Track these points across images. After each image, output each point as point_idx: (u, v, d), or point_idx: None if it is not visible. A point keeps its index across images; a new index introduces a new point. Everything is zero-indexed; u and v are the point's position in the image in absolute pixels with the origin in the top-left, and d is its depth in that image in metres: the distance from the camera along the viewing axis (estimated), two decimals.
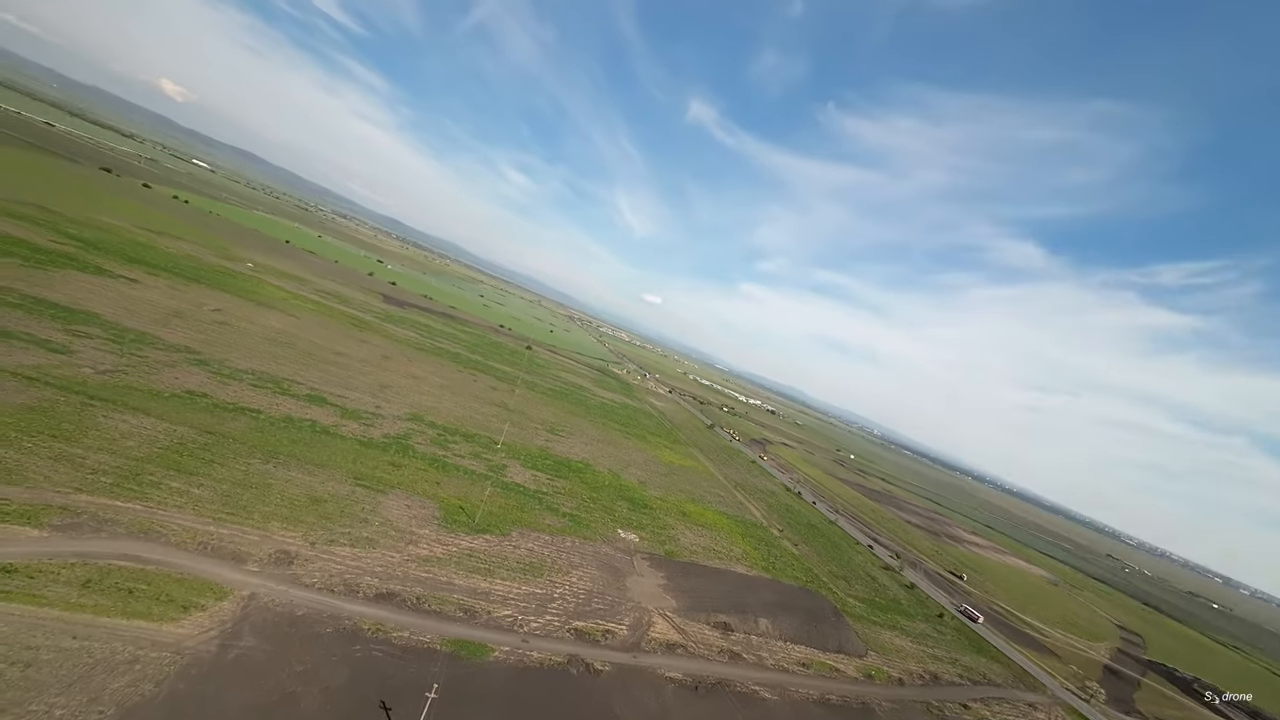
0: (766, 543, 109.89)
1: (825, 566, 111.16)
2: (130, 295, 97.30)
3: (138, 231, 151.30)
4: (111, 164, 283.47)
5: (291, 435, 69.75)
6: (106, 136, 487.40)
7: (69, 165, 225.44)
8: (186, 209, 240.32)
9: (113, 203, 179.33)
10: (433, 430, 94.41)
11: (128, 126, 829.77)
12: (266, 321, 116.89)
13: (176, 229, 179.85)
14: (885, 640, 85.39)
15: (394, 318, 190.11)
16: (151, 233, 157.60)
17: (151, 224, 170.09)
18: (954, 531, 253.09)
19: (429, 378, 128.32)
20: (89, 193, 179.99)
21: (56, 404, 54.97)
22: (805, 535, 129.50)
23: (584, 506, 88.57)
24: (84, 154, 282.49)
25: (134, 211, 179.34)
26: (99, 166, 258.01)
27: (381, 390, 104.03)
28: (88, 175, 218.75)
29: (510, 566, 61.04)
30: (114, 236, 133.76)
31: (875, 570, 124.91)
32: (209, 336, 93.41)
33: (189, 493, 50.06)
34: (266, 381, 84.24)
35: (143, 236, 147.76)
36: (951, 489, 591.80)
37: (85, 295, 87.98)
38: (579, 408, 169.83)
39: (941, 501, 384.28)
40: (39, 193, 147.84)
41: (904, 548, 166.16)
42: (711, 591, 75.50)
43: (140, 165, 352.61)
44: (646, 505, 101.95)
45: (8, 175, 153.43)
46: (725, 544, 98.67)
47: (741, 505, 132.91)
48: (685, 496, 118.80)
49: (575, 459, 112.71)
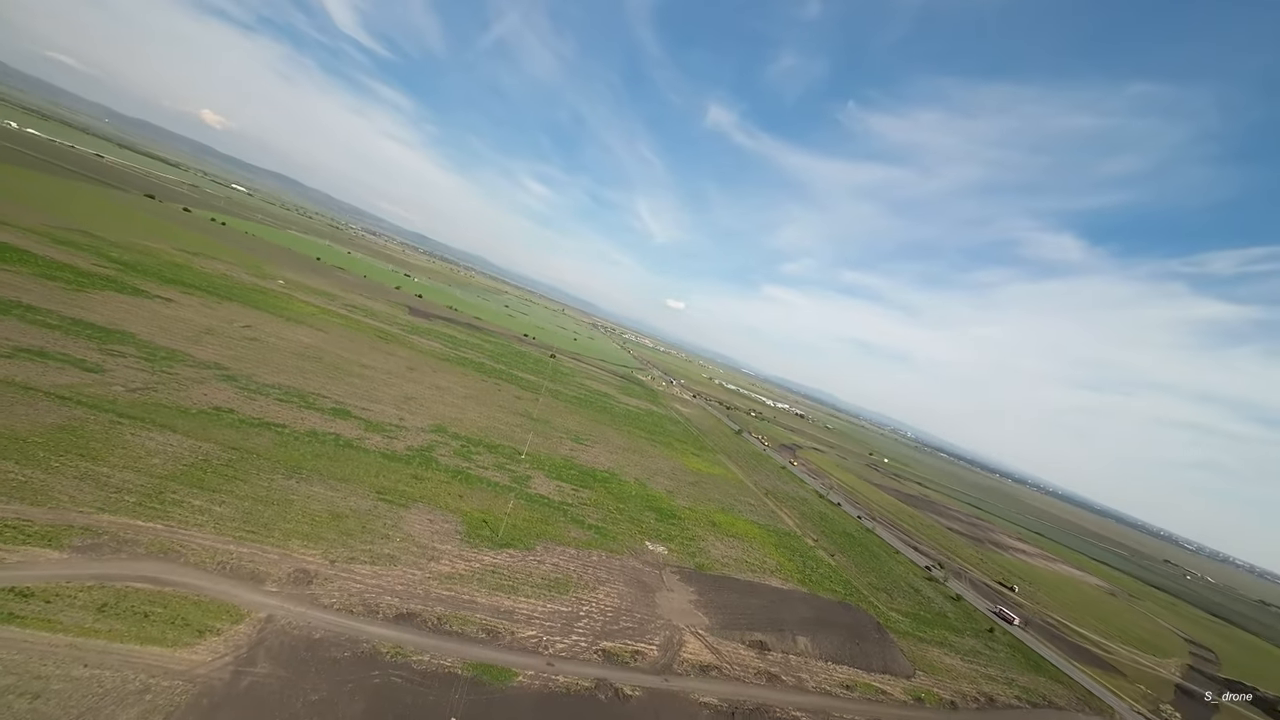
0: (801, 553, 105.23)
1: (864, 578, 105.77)
2: (165, 314, 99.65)
3: (176, 253, 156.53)
4: (155, 190, 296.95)
5: (315, 449, 69.31)
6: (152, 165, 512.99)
7: (115, 193, 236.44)
8: (223, 231, 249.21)
9: (154, 226, 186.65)
10: (456, 441, 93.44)
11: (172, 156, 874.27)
12: (295, 336, 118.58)
13: (212, 250, 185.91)
14: (933, 658, 79.98)
15: (419, 329, 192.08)
16: (189, 254, 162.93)
17: (189, 246, 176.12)
18: (998, 538, 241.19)
19: (453, 388, 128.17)
20: (132, 218, 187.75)
21: (86, 423, 55.40)
22: (841, 544, 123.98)
23: (610, 518, 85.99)
24: (130, 182, 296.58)
25: (174, 234, 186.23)
26: (143, 193, 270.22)
27: (406, 402, 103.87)
28: (132, 202, 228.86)
29: (534, 583, 58.80)
30: (153, 258, 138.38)
31: (918, 581, 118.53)
32: (238, 353, 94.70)
33: (210, 510, 49.45)
34: (292, 396, 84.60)
35: (180, 258, 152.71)
36: (993, 493, 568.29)
37: (122, 315, 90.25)
38: (604, 415, 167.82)
39: (983, 506, 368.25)
40: (86, 219, 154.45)
41: (946, 556, 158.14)
42: (745, 607, 71.76)
43: (182, 191, 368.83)
44: (675, 515, 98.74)
45: (59, 203, 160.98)
46: (758, 555, 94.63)
47: (773, 514, 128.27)
48: (715, 505, 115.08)
49: (601, 468, 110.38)
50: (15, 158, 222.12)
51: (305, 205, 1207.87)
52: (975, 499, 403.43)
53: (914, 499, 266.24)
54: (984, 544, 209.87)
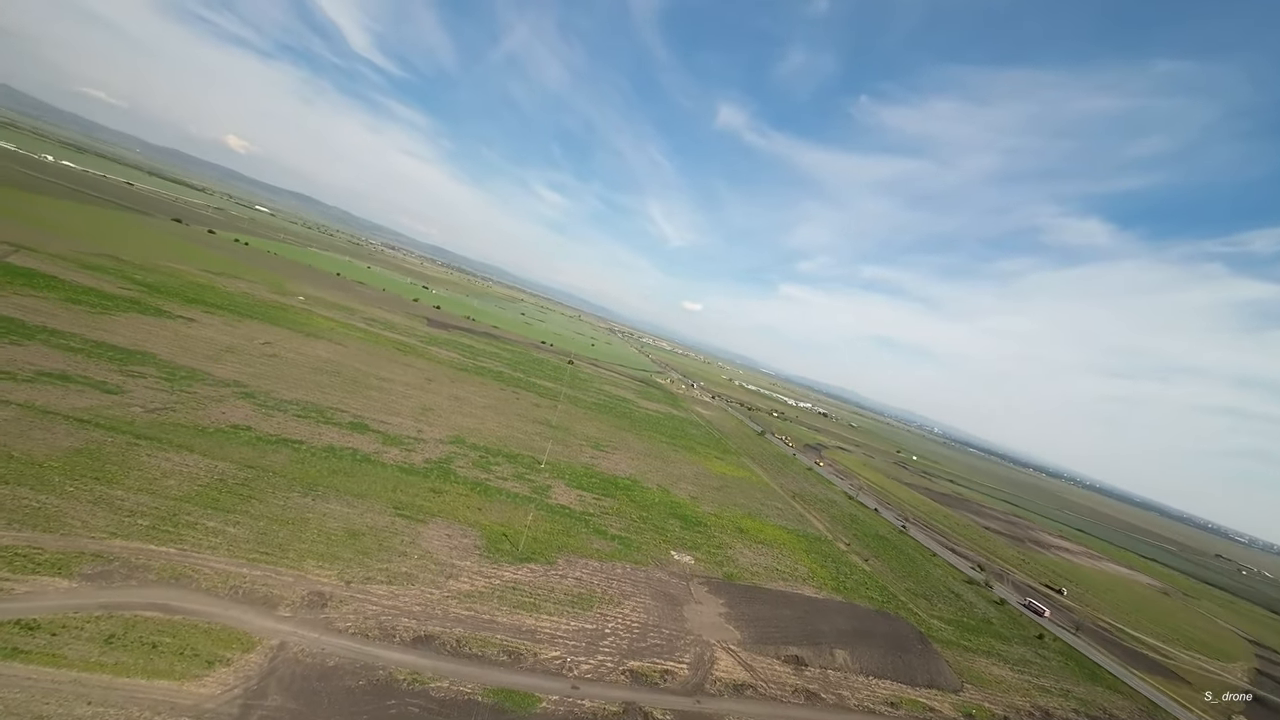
0: (833, 559, 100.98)
1: (901, 583, 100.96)
2: (186, 334, 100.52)
3: (200, 274, 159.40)
4: (181, 214, 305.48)
5: (332, 465, 68.21)
6: (180, 191, 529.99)
7: (143, 218, 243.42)
8: (246, 250, 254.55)
9: (179, 249, 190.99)
10: (475, 452, 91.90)
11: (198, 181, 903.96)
12: (314, 351, 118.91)
13: (235, 269, 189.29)
14: (981, 670, 75.20)
15: (437, 340, 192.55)
16: (212, 274, 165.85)
17: (213, 266, 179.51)
18: (1038, 536, 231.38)
19: (471, 398, 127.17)
20: (158, 241, 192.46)
21: (104, 445, 54.95)
22: (875, 548, 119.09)
23: (633, 527, 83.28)
24: (158, 208, 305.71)
25: (198, 256, 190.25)
26: (170, 218, 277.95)
27: (424, 413, 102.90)
28: (159, 226, 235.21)
29: (557, 599, 56.38)
30: (177, 280, 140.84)
31: (958, 585, 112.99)
32: (258, 369, 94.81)
33: (225, 532, 48.25)
34: (310, 411, 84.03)
35: (204, 278, 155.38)
36: (1028, 488, 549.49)
37: (144, 336, 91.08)
38: (624, 421, 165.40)
39: (1019, 503, 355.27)
40: (114, 244, 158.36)
41: (986, 557, 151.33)
42: (779, 619, 68.25)
43: (208, 214, 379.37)
44: (700, 523, 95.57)
45: (88, 230, 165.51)
46: (789, 562, 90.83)
47: (802, 517, 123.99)
48: (741, 511, 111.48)
49: (622, 476, 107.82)
50: (50, 188, 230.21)
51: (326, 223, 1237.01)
52: (1010, 495, 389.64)
53: (947, 497, 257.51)
54: (1024, 543, 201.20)
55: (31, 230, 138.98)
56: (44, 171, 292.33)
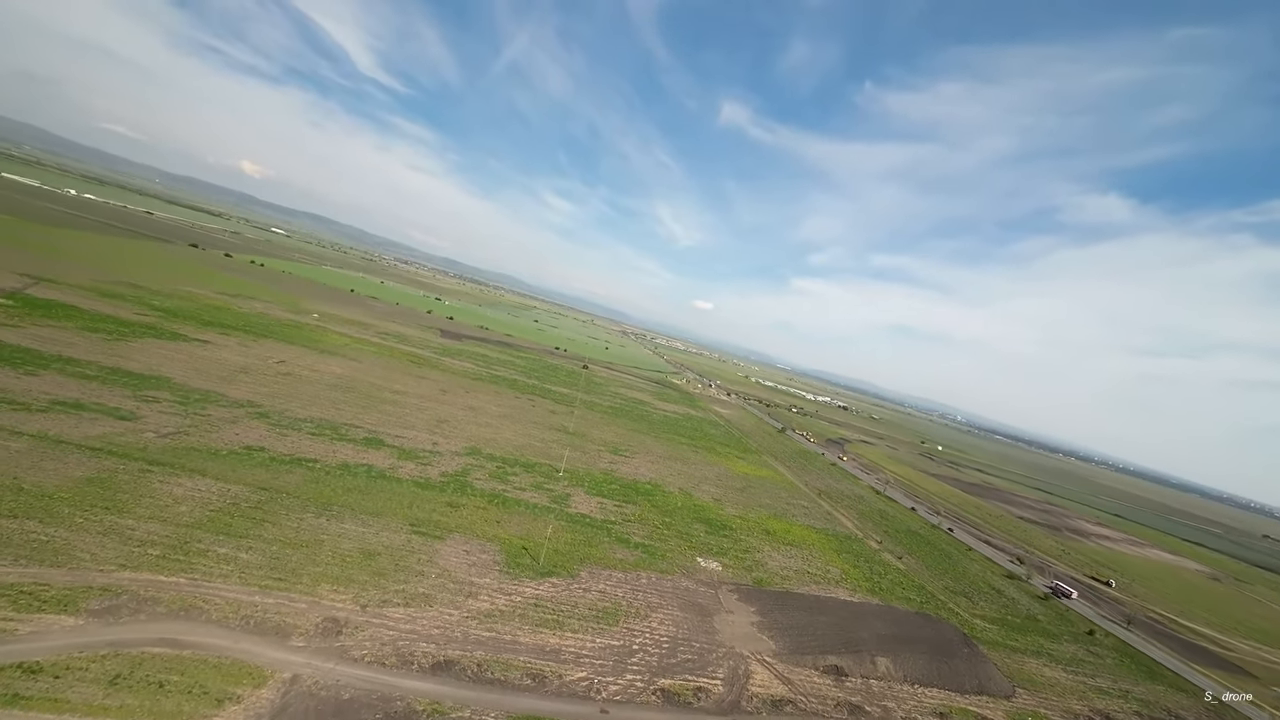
0: (866, 558, 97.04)
1: (939, 581, 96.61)
2: (201, 356, 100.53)
3: (216, 297, 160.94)
4: (198, 240, 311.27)
5: (347, 483, 66.72)
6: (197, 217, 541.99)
7: (162, 245, 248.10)
8: (262, 272, 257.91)
9: (196, 273, 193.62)
10: (492, 463, 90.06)
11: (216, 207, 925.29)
12: (329, 368, 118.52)
13: (250, 290, 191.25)
14: (1032, 672, 70.87)
15: (451, 351, 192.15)
16: (228, 296, 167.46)
17: (229, 288, 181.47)
18: (1076, 524, 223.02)
19: (486, 407, 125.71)
20: (176, 267, 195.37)
21: (115, 474, 53.99)
22: (908, 545, 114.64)
23: (657, 534, 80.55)
24: (176, 235, 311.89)
25: (214, 279, 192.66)
26: (188, 243, 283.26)
27: (439, 425, 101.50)
28: (177, 252, 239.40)
29: (581, 615, 53.89)
30: (193, 304, 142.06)
31: (998, 580, 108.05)
32: (272, 389, 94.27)
33: (237, 558, 46.72)
34: (325, 429, 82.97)
35: (220, 301, 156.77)
36: (1060, 474, 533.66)
37: (159, 361, 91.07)
38: (641, 424, 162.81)
39: (1052, 490, 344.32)
40: (133, 272, 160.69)
41: (1024, 549, 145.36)
42: (814, 626, 64.91)
43: (224, 239, 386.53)
44: (725, 526, 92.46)
45: (108, 260, 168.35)
46: (820, 564, 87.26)
47: (830, 516, 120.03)
48: (767, 512, 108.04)
49: (643, 480, 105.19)
50: (71, 221, 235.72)
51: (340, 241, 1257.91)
52: (1042, 482, 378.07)
53: (976, 488, 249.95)
54: (1062, 532, 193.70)
55: (52, 262, 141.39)
56: (66, 205, 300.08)
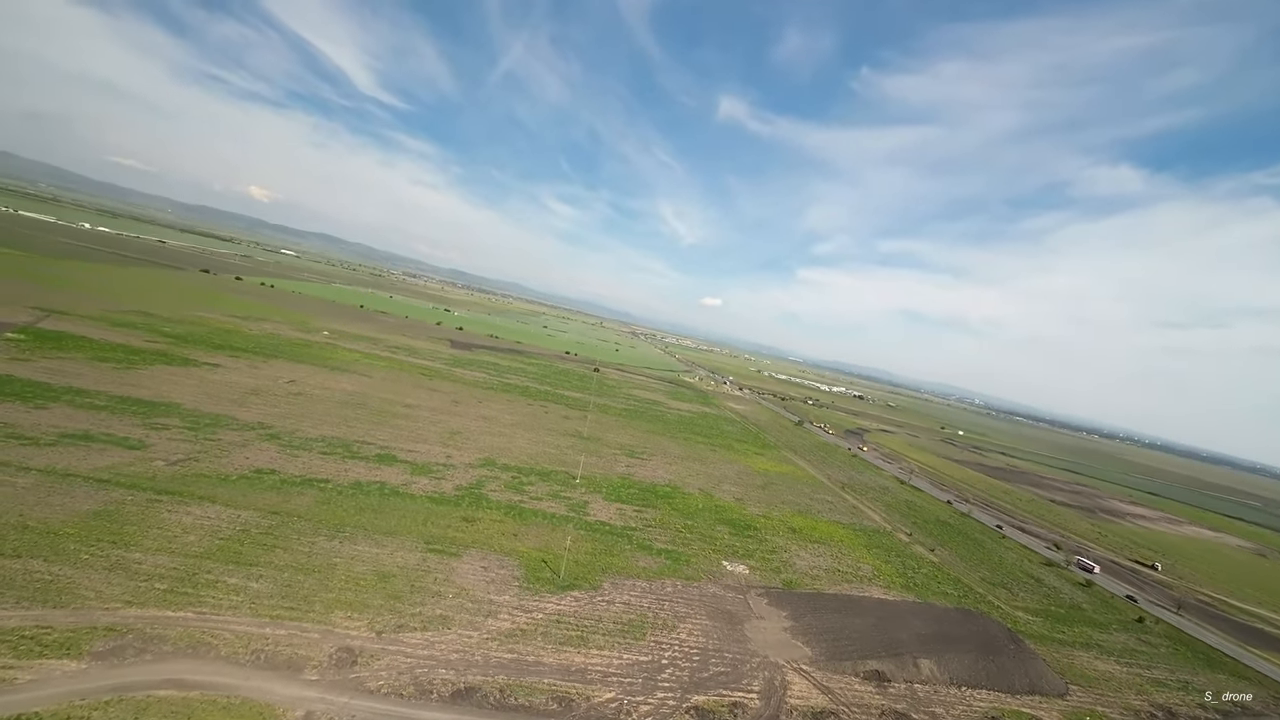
0: (897, 552, 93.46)
1: (975, 573, 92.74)
2: (212, 380, 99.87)
3: (226, 320, 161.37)
4: (209, 265, 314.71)
5: (359, 503, 64.98)
6: (209, 244, 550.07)
7: (173, 272, 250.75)
8: (272, 293, 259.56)
9: (207, 298, 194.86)
10: (507, 473, 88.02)
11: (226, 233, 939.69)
12: (339, 385, 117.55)
13: (261, 311, 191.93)
14: (1084, 666, 67.02)
15: (462, 361, 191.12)
16: (238, 319, 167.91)
17: (239, 311, 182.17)
18: (1109, 504, 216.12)
19: (499, 416, 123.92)
20: (187, 293, 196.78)
21: (123, 506, 52.65)
22: (939, 535, 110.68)
23: (680, 538, 77.85)
24: (187, 261, 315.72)
25: (225, 302, 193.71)
26: (199, 269, 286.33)
27: (452, 438, 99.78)
28: (188, 278, 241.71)
29: (606, 629, 51.42)
30: (204, 328, 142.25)
31: (1036, 568, 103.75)
32: (283, 409, 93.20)
33: (246, 588, 44.95)
34: (336, 447, 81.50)
35: (230, 324, 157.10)
36: (1086, 453, 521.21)
37: (170, 387, 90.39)
38: (656, 425, 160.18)
39: (1080, 470, 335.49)
40: (144, 300, 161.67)
41: (1060, 534, 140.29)
42: (851, 629, 61.81)
43: (235, 263, 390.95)
44: (749, 526, 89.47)
45: (120, 290, 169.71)
46: (850, 561, 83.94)
47: (856, 510, 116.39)
48: (791, 509, 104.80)
49: (661, 483, 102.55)
50: (85, 254, 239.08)
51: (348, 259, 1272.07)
52: (1069, 462, 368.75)
53: (1002, 472, 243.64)
54: (1096, 514, 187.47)
55: (65, 294, 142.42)
56: (80, 238, 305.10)
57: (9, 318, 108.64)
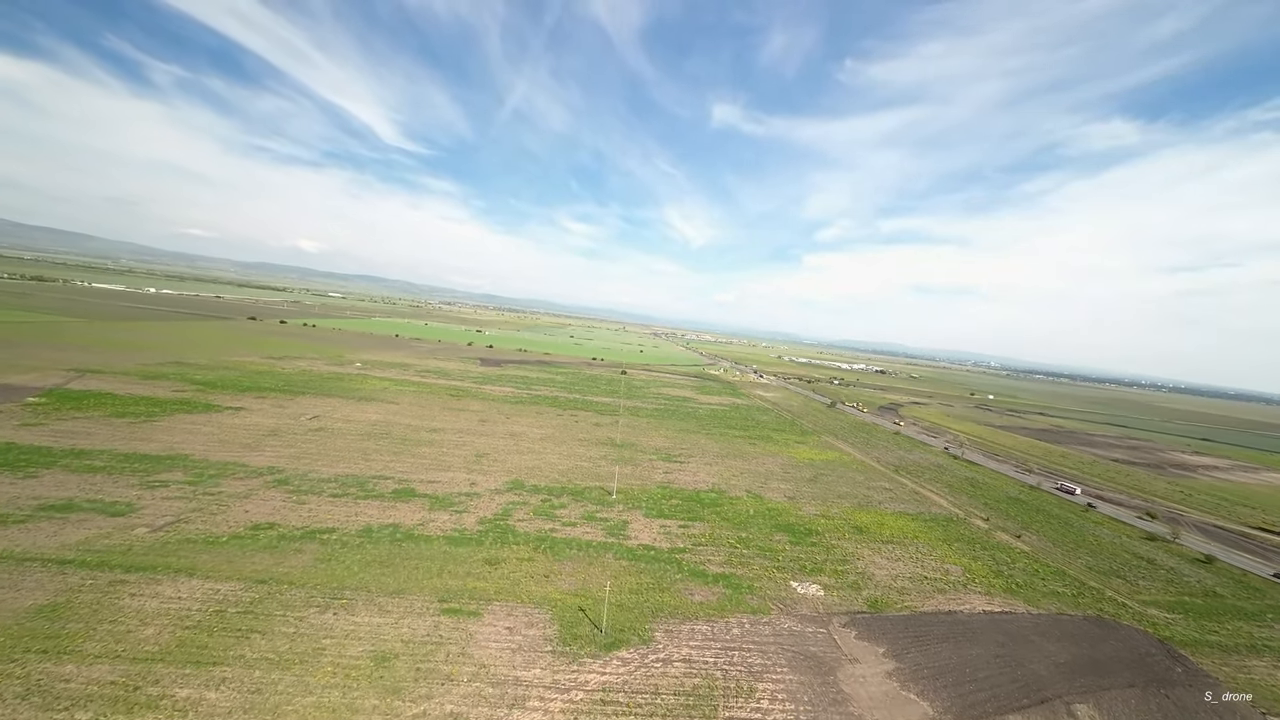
0: (981, 544, 76.33)
1: (1076, 560, 74.91)
2: (231, 425, 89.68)
3: (262, 361, 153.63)
4: (257, 313, 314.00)
5: (366, 555, 52.29)
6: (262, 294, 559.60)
7: (222, 322, 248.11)
8: (313, 332, 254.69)
9: (248, 342, 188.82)
10: (536, 496, 74.60)
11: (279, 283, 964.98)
12: (364, 416, 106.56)
13: (297, 350, 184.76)
14: (1266, 679, 49.30)
15: (491, 378, 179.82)
16: (274, 359, 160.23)
17: (275, 352, 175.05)
18: (1171, 457, 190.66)
19: (528, 432, 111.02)
20: (229, 340, 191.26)
21: (78, 594, 40.95)
22: (1016, 516, 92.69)
23: (735, 556, 62.89)
24: (238, 311, 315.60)
25: (265, 344, 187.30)
26: (247, 317, 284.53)
27: (478, 461, 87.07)
28: (235, 326, 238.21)
29: (667, 709, 36.98)
30: (236, 371, 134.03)
31: (1139, 546, 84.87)
32: (300, 449, 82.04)
33: (201, 703, 32.23)
34: (350, 486, 69.45)
35: (264, 365, 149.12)
36: (1120, 405, 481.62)
37: (183, 437, 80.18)
38: (689, 422, 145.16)
39: (1123, 423, 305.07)
40: (184, 350, 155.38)
41: (1143, 499, 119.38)
42: (971, 665, 45.80)
43: (282, 308, 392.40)
44: (810, 531, 73.78)
45: (164, 342, 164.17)
46: (934, 562, 67.49)
47: (918, 495, 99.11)
48: (849, 503, 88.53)
49: (704, 488, 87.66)
50: (143, 314, 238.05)
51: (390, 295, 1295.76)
52: (1108, 416, 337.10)
53: (1048, 433, 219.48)
54: (1164, 469, 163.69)
55: (106, 353, 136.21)
56: (144, 301, 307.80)
57: (39, 381, 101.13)
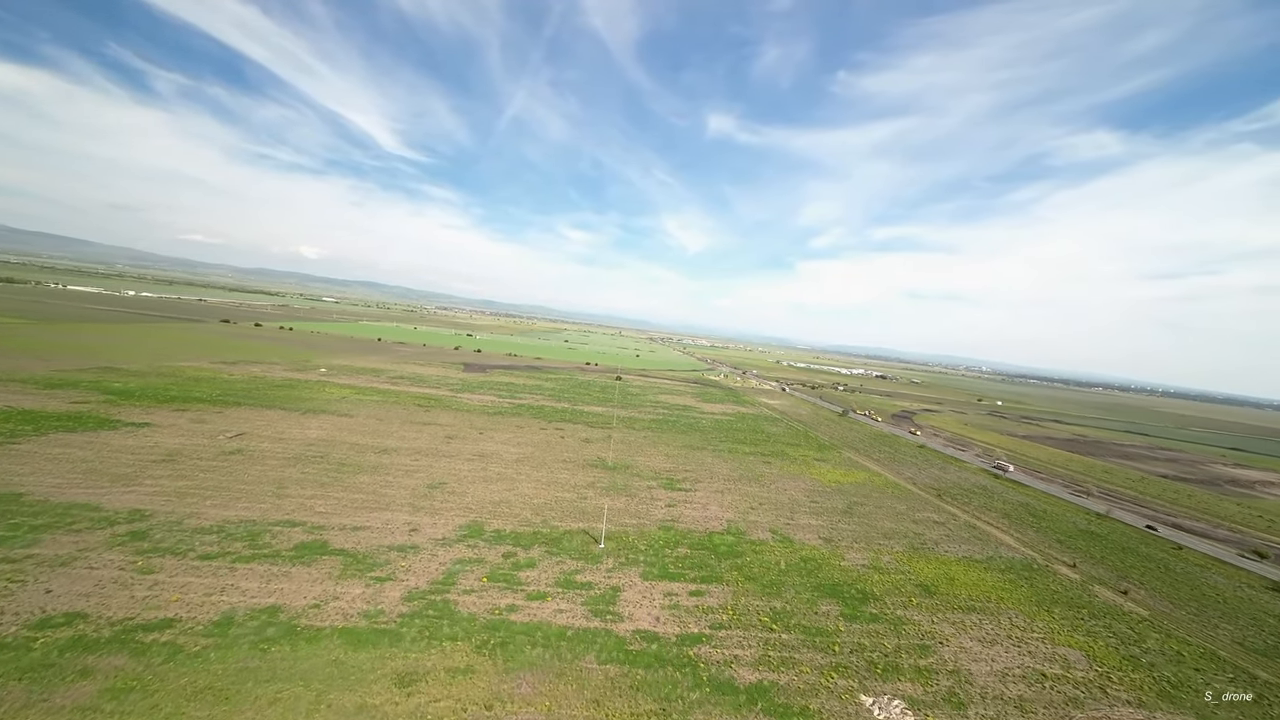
0: (1083, 606, 56.69)
1: (1212, 628, 55.36)
2: (117, 447, 69.33)
3: (208, 367, 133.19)
4: (233, 315, 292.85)
5: (197, 679, 32.06)
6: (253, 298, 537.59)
7: (190, 325, 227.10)
8: (287, 335, 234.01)
9: (205, 346, 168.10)
10: (497, 548, 54.49)
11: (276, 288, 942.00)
12: (302, 434, 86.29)
13: (258, 354, 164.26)
14: None
15: (472, 385, 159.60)
16: (224, 364, 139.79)
17: (232, 355, 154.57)
18: (1218, 470, 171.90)
19: (501, 452, 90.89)
20: (185, 343, 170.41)
21: None
22: (1101, 557, 73.23)
23: (773, 647, 42.90)
24: (214, 314, 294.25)
25: (224, 348, 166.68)
26: (220, 319, 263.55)
27: (429, 495, 66.92)
28: (200, 329, 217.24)
29: None
30: (168, 379, 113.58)
31: (1271, 600, 65.41)
32: (194, 480, 61.77)
33: None
34: (236, 539, 49.26)
35: (210, 370, 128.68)
36: (1127, 410, 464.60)
37: (36, 465, 59.83)
38: (692, 435, 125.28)
39: (1145, 431, 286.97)
40: (124, 354, 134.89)
41: (1228, 529, 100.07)
42: None
43: (268, 311, 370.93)
44: (864, 594, 53.90)
45: (104, 346, 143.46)
46: (1039, 642, 47.71)
47: (976, 531, 79.42)
48: (900, 546, 68.67)
49: (717, 528, 67.68)
50: (103, 316, 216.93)
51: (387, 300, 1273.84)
52: (1126, 423, 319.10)
53: (1075, 444, 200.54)
54: (1220, 486, 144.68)
55: (23, 357, 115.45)
56: (116, 304, 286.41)
57: None
